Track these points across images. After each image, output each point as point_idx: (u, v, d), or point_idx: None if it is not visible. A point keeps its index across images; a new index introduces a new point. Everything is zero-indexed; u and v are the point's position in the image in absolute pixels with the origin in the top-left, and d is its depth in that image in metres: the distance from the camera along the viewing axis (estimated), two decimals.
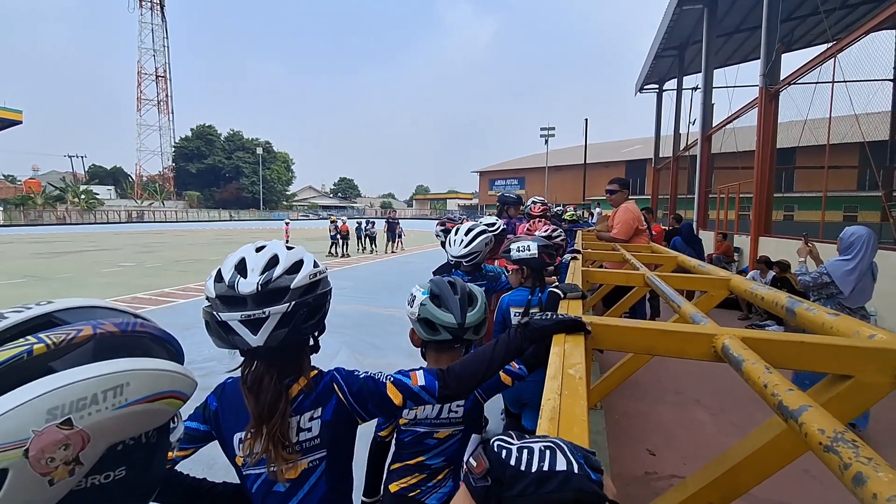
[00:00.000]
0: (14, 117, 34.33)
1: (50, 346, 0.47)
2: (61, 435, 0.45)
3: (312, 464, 1.12)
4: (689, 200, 14.54)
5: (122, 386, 0.49)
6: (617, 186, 4.90)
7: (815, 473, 2.69)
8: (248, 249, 1.11)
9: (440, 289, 1.58)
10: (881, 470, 0.52)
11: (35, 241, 23.83)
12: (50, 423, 0.44)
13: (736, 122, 10.50)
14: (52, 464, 0.44)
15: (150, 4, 70.96)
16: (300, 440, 1.10)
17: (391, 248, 18.88)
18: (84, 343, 0.49)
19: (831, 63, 6.52)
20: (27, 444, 0.43)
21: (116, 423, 0.49)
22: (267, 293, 1.03)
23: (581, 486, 0.47)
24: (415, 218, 69.26)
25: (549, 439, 0.53)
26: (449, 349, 1.57)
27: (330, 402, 1.13)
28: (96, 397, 0.47)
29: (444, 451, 1.55)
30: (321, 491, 1.12)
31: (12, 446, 0.42)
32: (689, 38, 14.91)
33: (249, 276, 1.05)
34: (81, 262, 14.88)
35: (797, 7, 11.83)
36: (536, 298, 2.38)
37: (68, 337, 0.48)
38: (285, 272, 1.07)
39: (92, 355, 0.49)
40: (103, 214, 51.55)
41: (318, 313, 1.12)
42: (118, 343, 0.52)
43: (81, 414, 0.46)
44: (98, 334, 0.51)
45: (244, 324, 1.01)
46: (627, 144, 51.94)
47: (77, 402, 0.46)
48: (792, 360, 1.05)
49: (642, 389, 4.21)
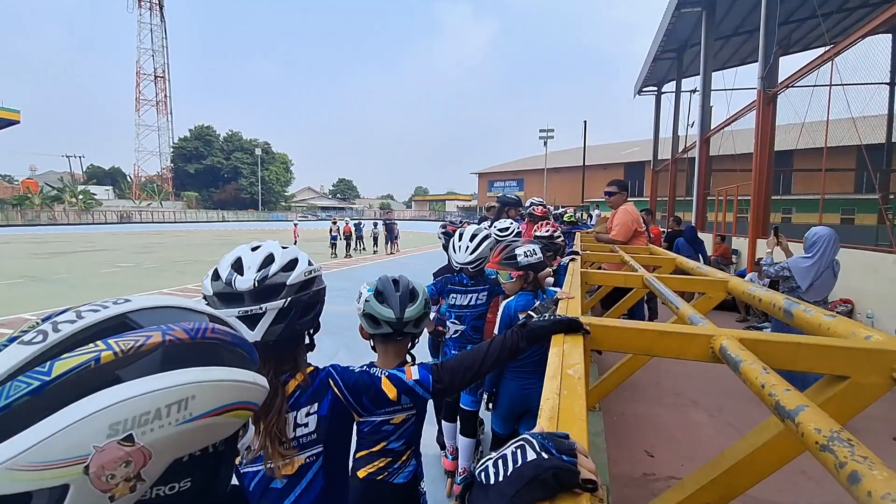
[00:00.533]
0: (12, 117, 34.24)
1: (118, 354, 0.45)
2: (122, 452, 0.43)
3: (309, 459, 1.12)
4: (687, 202, 14.57)
5: (187, 399, 0.46)
6: (615, 188, 4.91)
7: (813, 474, 2.70)
8: (244, 249, 1.14)
9: (383, 286, 1.68)
10: (876, 468, 0.53)
11: (32, 242, 23.79)
12: (111, 440, 0.42)
13: (734, 125, 10.53)
14: (112, 480, 0.43)
15: (149, 5, 70.91)
16: (297, 436, 1.11)
17: (389, 248, 18.89)
18: (152, 351, 0.47)
19: (829, 66, 6.54)
20: (88, 460, 0.41)
21: (179, 438, 0.47)
22: (263, 289, 1.06)
23: (554, 466, 0.53)
24: (413, 219, 69.28)
25: (520, 437, 0.58)
26: (392, 341, 1.67)
27: (326, 397, 1.14)
28: (160, 412, 0.45)
29: (403, 434, 1.65)
30: (318, 486, 1.13)
31: (73, 462, 0.41)
32: (687, 41, 14.95)
33: (246, 273, 1.07)
34: (79, 263, 14.86)
35: (795, 10, 11.88)
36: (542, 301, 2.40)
37: (136, 344, 0.46)
38: (281, 269, 1.10)
39: (160, 364, 0.47)
40: (101, 215, 51.46)
41: (312, 310, 1.15)
42: (187, 351, 0.49)
43: (143, 430, 0.44)
44: (167, 342, 0.48)
45: (241, 319, 1.04)
46: (626, 146, 52.01)
47: (140, 418, 0.44)
48: (789, 361, 1.05)
49: (641, 391, 4.22)
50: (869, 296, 5.83)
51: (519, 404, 2.46)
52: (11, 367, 0.42)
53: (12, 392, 0.41)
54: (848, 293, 6.20)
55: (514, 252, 2.45)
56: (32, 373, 0.42)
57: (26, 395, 0.41)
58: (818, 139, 7.37)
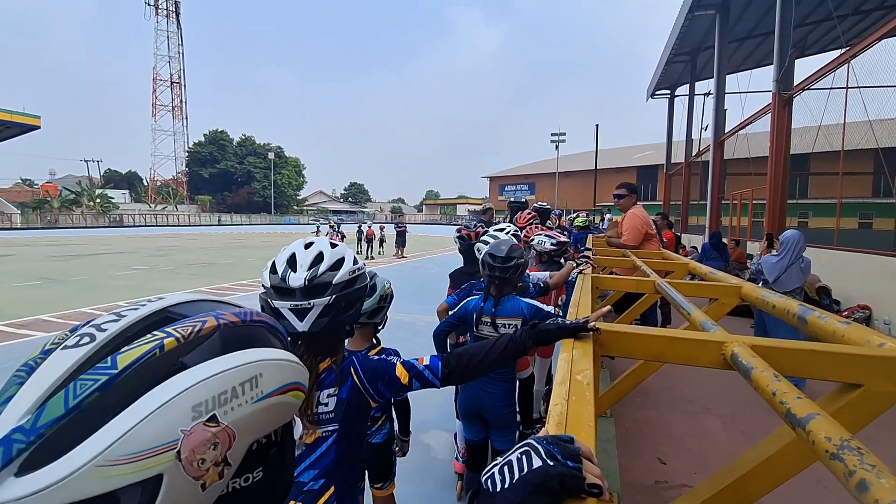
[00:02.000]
0: (32, 122, 34.95)
1: (180, 340, 0.45)
2: (210, 433, 0.42)
3: (325, 433, 1.29)
4: (701, 206, 14.42)
5: (256, 377, 0.47)
6: (625, 191, 4.86)
7: (828, 483, 2.66)
8: (298, 245, 1.29)
9: None
10: (883, 476, 0.53)
11: (51, 244, 24.26)
12: (197, 421, 0.42)
13: (749, 128, 10.41)
14: (203, 465, 0.42)
15: (165, 12, 72.25)
16: (318, 412, 1.28)
17: (401, 253, 18.96)
18: (211, 334, 0.47)
19: (845, 69, 6.46)
20: (178, 445, 0.40)
21: (257, 417, 0.47)
22: (313, 287, 1.20)
23: (559, 473, 0.54)
24: (424, 223, 69.38)
25: (525, 443, 0.59)
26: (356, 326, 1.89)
27: (347, 383, 1.29)
28: (235, 391, 0.45)
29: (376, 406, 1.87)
30: (330, 457, 1.29)
31: (164, 448, 0.40)
32: (701, 44, 14.84)
33: (299, 270, 1.22)
34: (96, 265, 15.12)
35: (810, 13, 11.73)
36: (488, 307, 2.38)
37: (195, 329, 0.46)
38: (329, 269, 1.24)
39: (220, 347, 0.47)
40: (117, 218, 52.33)
41: (355, 305, 1.30)
42: (242, 333, 0.50)
43: (225, 409, 0.44)
44: (222, 325, 0.49)
45: (292, 312, 1.19)
46: (639, 150, 51.64)
47: (219, 397, 0.44)
48: (802, 369, 1.05)
49: (653, 397, 4.18)
50: (887, 301, 5.72)
51: (472, 404, 2.48)
52: (67, 369, 0.41)
53: (79, 391, 0.39)
54: (865, 299, 6.09)
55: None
56: (94, 370, 0.41)
57: (95, 391, 0.40)
58: (835, 142, 7.26)
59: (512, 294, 2.42)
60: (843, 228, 8.02)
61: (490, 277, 2.39)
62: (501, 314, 2.35)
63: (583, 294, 2.07)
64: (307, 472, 1.29)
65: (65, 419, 0.38)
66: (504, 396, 2.44)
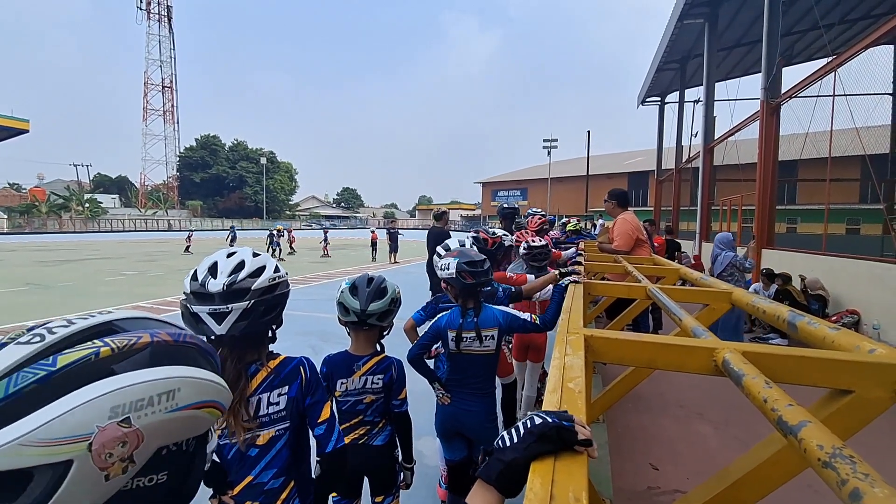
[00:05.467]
0: (21, 126, 34.51)
1: (114, 350, 0.51)
2: (121, 432, 0.49)
3: (278, 432, 1.35)
4: (691, 212, 14.55)
5: (174, 391, 0.53)
6: (613, 202, 4.90)
7: (819, 489, 2.66)
8: (221, 254, 1.35)
9: (359, 282, 1.90)
10: (877, 485, 0.52)
11: (39, 249, 23.95)
12: (112, 420, 0.48)
13: (738, 135, 10.54)
14: (110, 459, 0.48)
15: (157, 17, 71.92)
16: (269, 413, 1.34)
17: (394, 258, 18.91)
18: (143, 349, 0.54)
19: (832, 77, 6.56)
20: (91, 438, 0.47)
21: (167, 425, 0.53)
22: (231, 292, 1.25)
23: (556, 425, 0.67)
24: (417, 228, 69.36)
25: (529, 413, 0.73)
26: (360, 329, 1.90)
27: (295, 381, 1.37)
28: (152, 399, 0.51)
29: (376, 410, 1.93)
30: (285, 455, 1.35)
31: (79, 439, 0.46)
32: (690, 52, 15.03)
33: (219, 277, 1.27)
34: (84, 271, 14.93)
35: (797, 22, 11.94)
36: (470, 321, 2.20)
37: (130, 342, 0.53)
38: (249, 275, 1.29)
39: (149, 361, 0.53)
40: (107, 223, 51.78)
41: (274, 310, 1.35)
42: (172, 351, 0.57)
43: (139, 414, 0.50)
44: (155, 342, 0.55)
45: (211, 316, 1.24)
46: (630, 156, 52.07)
47: (136, 403, 0.50)
48: (792, 375, 1.05)
49: (645, 403, 4.18)
50: (875, 306, 5.78)
51: (451, 422, 2.33)
52: (16, 360, 0.47)
53: (20, 381, 0.46)
54: (854, 304, 6.15)
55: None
56: (37, 365, 0.48)
57: (34, 382, 0.46)
58: (822, 149, 7.37)
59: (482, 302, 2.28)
60: (831, 234, 8.12)
61: (473, 286, 2.22)
62: (482, 325, 2.20)
63: (574, 300, 2.06)
64: (265, 472, 1.34)
65: (3, 402, 0.45)
66: (486, 412, 2.29)
